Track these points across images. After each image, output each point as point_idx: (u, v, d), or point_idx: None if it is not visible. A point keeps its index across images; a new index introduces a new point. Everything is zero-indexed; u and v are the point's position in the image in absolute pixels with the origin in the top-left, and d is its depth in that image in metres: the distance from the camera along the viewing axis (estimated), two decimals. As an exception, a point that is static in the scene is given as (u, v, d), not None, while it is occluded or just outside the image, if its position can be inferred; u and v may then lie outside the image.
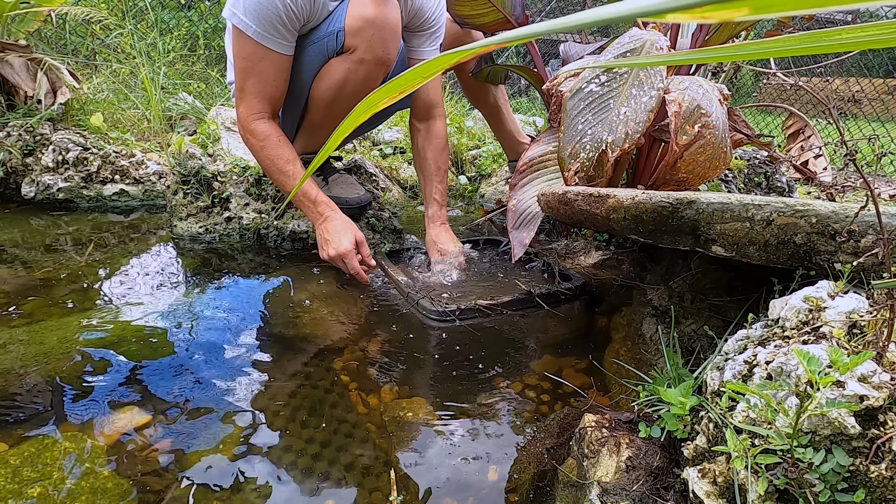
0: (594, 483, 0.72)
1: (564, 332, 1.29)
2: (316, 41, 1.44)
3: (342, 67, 1.43)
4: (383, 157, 2.65)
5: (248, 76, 1.39)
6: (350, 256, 1.39)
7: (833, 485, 0.54)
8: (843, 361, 0.55)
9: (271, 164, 1.46)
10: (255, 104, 1.43)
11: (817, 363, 0.55)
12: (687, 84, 1.25)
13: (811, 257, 0.78)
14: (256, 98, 1.42)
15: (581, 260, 1.56)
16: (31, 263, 1.48)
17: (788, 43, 0.28)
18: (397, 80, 0.32)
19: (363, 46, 1.40)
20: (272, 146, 1.45)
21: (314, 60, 1.46)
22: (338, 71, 1.43)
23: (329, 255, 1.41)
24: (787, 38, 0.27)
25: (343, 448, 0.89)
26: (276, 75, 1.41)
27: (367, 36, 1.38)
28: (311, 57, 1.45)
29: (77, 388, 0.98)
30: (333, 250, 1.40)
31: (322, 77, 1.47)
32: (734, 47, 0.29)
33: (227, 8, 1.34)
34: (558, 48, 2.00)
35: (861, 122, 4.06)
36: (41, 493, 0.76)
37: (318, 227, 1.46)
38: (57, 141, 2.06)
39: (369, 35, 1.38)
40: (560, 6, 6.27)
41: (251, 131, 1.44)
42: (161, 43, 3.31)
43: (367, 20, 1.37)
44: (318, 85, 1.48)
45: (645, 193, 0.95)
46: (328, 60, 1.44)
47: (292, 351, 1.15)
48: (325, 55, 1.43)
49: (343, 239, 1.39)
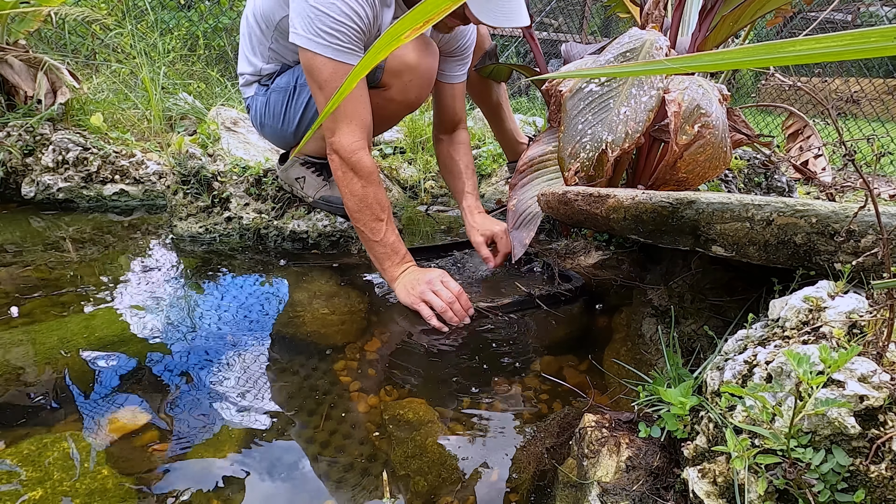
0: (594, 483, 0.72)
1: (564, 332, 1.29)
2: None
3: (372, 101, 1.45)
4: (383, 157, 2.65)
5: (340, 103, 1.26)
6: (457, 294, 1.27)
7: (833, 485, 0.54)
8: (833, 358, 0.55)
9: (365, 207, 1.32)
10: (357, 131, 1.30)
11: (808, 363, 0.55)
12: (687, 84, 1.25)
13: (811, 257, 0.78)
14: (356, 122, 1.30)
15: (581, 260, 1.56)
16: (31, 263, 1.48)
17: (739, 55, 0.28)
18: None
19: (397, 88, 1.44)
20: (375, 187, 1.32)
21: None
22: None
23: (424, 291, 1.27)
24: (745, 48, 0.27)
25: (343, 448, 0.89)
26: (362, 95, 1.32)
27: (404, 80, 1.43)
28: None
29: (77, 387, 0.98)
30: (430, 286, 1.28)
31: None
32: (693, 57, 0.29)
33: (299, 34, 1.26)
34: (558, 48, 2.01)
35: (861, 121, 4.06)
36: (41, 493, 0.76)
37: (403, 276, 1.32)
38: (57, 141, 2.06)
39: (406, 80, 1.43)
40: (560, 6, 6.27)
41: (355, 165, 1.30)
42: (161, 43, 3.31)
43: (408, 66, 1.41)
44: None
45: (645, 193, 0.95)
46: None
47: (292, 351, 1.15)
48: None
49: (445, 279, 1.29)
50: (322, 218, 1.76)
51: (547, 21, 6.19)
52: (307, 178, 1.73)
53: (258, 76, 1.64)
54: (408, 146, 2.73)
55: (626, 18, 2.15)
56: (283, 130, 1.65)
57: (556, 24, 6.27)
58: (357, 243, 1.74)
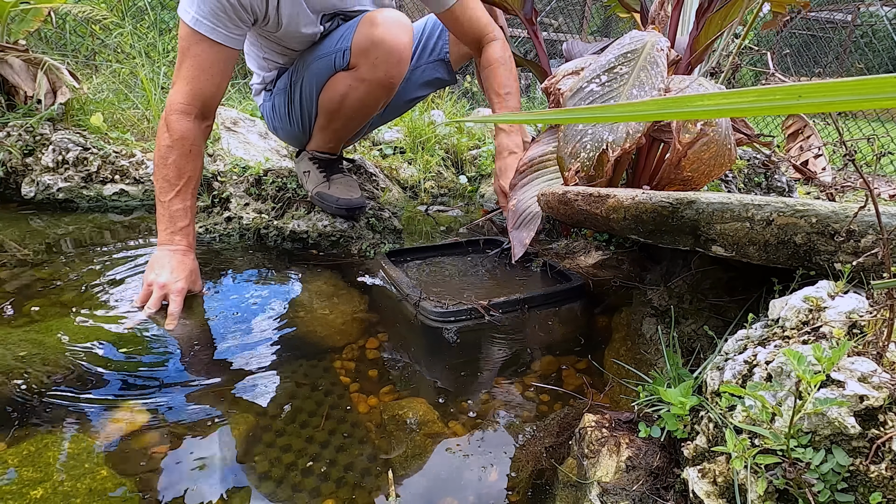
0: (594, 483, 0.72)
1: (564, 332, 1.29)
2: (324, 56, 1.48)
3: (344, 83, 1.47)
4: (383, 157, 2.65)
5: (184, 61, 1.30)
6: (174, 291, 1.25)
7: (833, 485, 0.54)
8: (826, 356, 0.55)
9: (164, 166, 1.31)
10: (187, 95, 1.30)
11: (808, 361, 0.55)
12: (687, 84, 1.25)
13: (811, 257, 0.78)
14: (189, 86, 1.30)
15: (581, 260, 1.56)
16: (31, 263, 1.48)
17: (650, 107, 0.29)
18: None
19: (366, 66, 1.43)
20: (180, 153, 1.31)
21: (322, 73, 1.50)
22: (340, 85, 1.48)
23: (151, 280, 1.26)
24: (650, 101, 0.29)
25: (343, 448, 0.89)
26: (212, 69, 1.31)
27: (371, 57, 1.42)
28: (320, 70, 1.49)
29: (77, 387, 0.98)
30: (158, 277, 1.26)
31: (327, 88, 1.51)
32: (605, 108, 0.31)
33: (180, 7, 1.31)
34: (558, 48, 2.01)
35: (861, 121, 4.06)
36: (40, 493, 0.76)
37: (162, 248, 1.31)
38: (57, 141, 2.06)
39: (373, 56, 1.41)
40: (560, 6, 6.28)
41: (170, 123, 1.30)
42: (161, 43, 3.31)
43: (374, 41, 1.40)
44: (323, 95, 1.53)
45: (645, 193, 0.95)
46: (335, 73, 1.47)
47: (292, 351, 1.15)
48: (332, 70, 1.47)
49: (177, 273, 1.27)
50: (322, 218, 1.76)
51: (547, 21, 6.19)
52: (311, 172, 1.76)
53: (264, 84, 1.70)
54: (408, 146, 2.73)
55: (625, 18, 2.15)
56: (292, 129, 1.70)
57: (556, 24, 6.27)
58: (357, 243, 1.74)
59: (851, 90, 0.25)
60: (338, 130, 1.68)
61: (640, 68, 1.27)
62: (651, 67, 1.26)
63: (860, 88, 0.25)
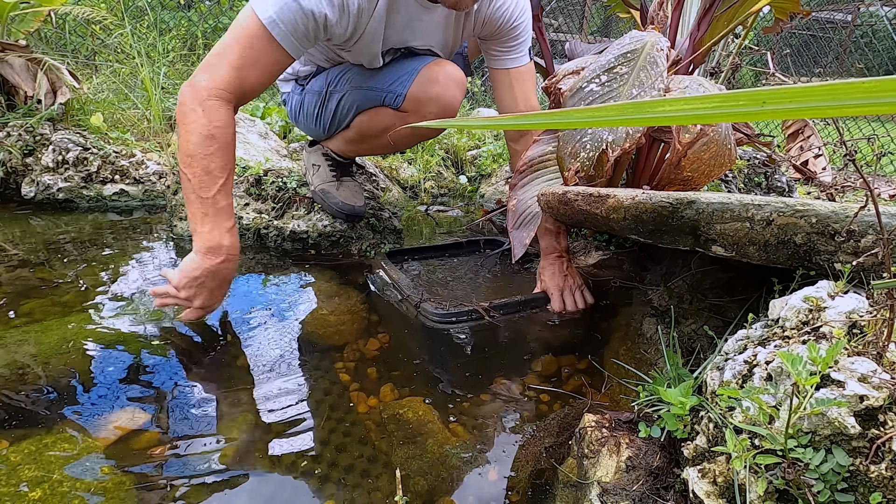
0: (594, 483, 0.72)
1: (564, 332, 1.29)
2: (376, 89, 1.49)
3: (390, 120, 1.49)
4: (383, 158, 2.66)
5: (236, 47, 1.16)
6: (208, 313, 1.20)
7: (833, 485, 0.54)
8: (821, 356, 0.55)
9: (208, 160, 1.13)
10: (232, 83, 1.16)
11: (802, 363, 0.55)
12: (687, 84, 1.25)
13: (811, 257, 0.78)
14: (237, 76, 1.17)
15: (581, 260, 1.56)
16: (31, 263, 1.48)
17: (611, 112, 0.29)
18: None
19: (416, 117, 1.46)
20: (222, 140, 1.14)
21: (369, 101, 1.51)
22: (386, 119, 1.51)
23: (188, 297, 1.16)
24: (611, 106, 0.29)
25: (343, 448, 0.89)
26: (264, 66, 1.20)
27: (423, 111, 1.44)
28: (368, 98, 1.51)
29: (77, 387, 0.98)
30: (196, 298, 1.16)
31: (370, 116, 1.53)
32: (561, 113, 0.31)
33: None
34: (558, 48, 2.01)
35: (861, 121, 4.06)
36: (40, 493, 0.76)
37: (203, 257, 1.14)
38: (57, 141, 2.06)
39: (426, 111, 1.44)
40: (560, 6, 6.28)
41: (206, 109, 1.13)
42: (161, 43, 3.31)
43: (430, 97, 1.42)
44: (363, 118, 1.55)
45: (645, 193, 0.95)
46: (382, 106, 1.49)
47: (292, 350, 1.15)
48: (380, 103, 1.49)
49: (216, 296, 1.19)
50: (322, 218, 1.76)
51: (547, 21, 6.19)
52: (322, 167, 1.77)
53: (295, 76, 1.69)
54: (408, 146, 2.73)
55: (626, 18, 2.15)
56: (315, 129, 1.72)
57: (557, 24, 6.27)
58: (357, 243, 1.74)
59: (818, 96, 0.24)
60: (362, 150, 1.73)
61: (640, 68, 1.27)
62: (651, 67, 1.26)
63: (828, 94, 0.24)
